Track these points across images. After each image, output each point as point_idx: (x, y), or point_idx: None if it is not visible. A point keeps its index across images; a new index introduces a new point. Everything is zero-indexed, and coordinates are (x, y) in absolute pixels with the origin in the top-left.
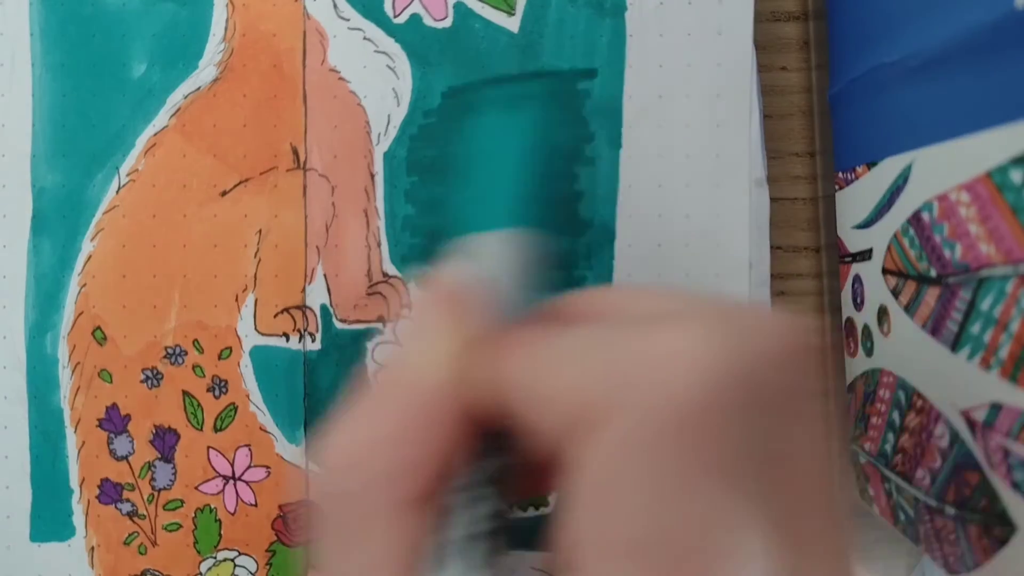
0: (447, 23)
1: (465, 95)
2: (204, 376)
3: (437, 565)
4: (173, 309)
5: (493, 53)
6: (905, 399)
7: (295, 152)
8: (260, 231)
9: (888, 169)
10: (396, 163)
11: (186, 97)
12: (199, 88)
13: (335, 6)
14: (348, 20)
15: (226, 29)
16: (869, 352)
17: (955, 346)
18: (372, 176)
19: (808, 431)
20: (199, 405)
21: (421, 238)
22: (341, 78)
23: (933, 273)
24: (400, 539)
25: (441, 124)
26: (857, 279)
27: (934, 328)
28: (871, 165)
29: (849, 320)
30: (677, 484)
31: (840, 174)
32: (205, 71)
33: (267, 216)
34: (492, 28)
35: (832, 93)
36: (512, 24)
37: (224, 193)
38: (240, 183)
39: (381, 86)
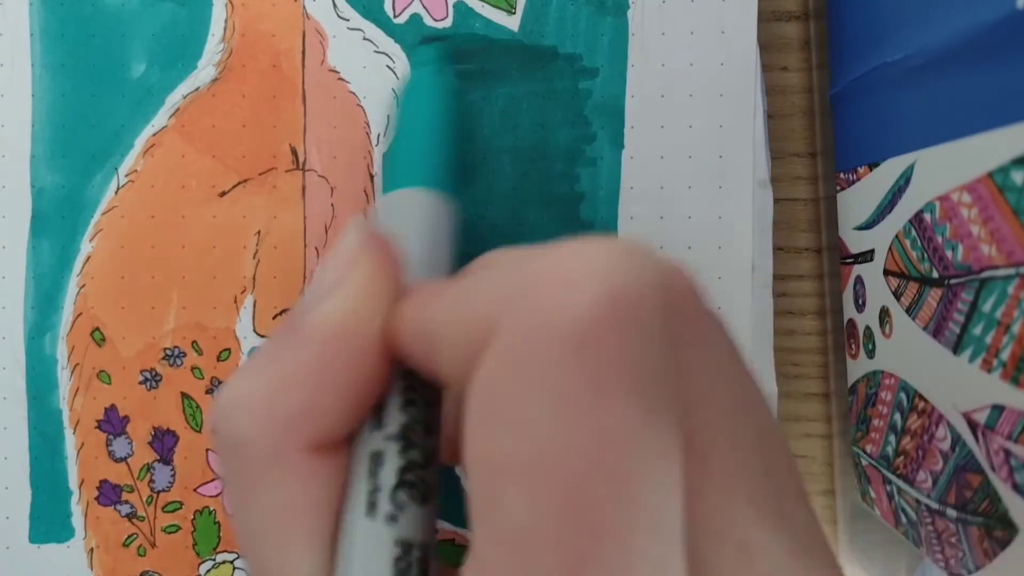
0: (447, 23)
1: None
2: (203, 378)
3: (364, 511)
4: (172, 310)
5: None
6: (907, 401)
7: (294, 153)
8: (259, 232)
9: (890, 170)
10: None
11: (185, 97)
12: (198, 88)
13: (335, 6)
14: (348, 20)
15: (225, 29)
16: (871, 354)
17: (957, 348)
18: (372, 177)
19: (728, 356)
20: (198, 407)
21: None
22: (341, 78)
23: (935, 274)
24: (308, 486)
25: None
26: (859, 280)
27: (936, 330)
28: (873, 166)
29: (851, 322)
30: (572, 400)
31: (841, 175)
32: (204, 71)
33: (266, 217)
34: (492, 27)
35: (833, 93)
36: (512, 23)
37: (223, 194)
38: (239, 184)
39: (381, 86)
